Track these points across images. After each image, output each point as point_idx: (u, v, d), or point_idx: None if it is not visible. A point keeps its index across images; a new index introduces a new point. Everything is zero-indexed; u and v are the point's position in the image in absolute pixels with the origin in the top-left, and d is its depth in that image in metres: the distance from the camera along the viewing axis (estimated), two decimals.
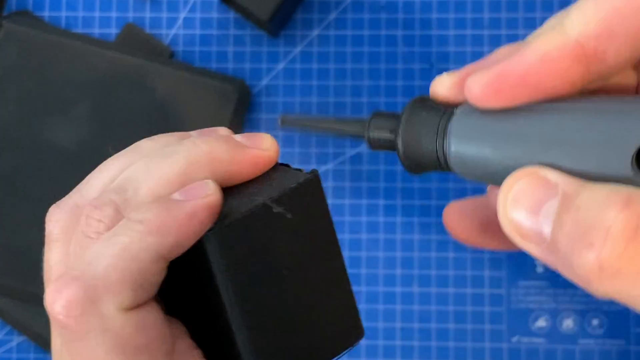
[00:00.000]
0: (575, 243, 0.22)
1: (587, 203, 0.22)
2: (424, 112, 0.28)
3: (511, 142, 0.25)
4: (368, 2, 0.70)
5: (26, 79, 0.67)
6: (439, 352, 0.67)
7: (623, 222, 0.21)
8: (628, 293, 0.22)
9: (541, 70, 0.25)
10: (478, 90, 0.26)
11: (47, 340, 0.66)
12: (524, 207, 0.24)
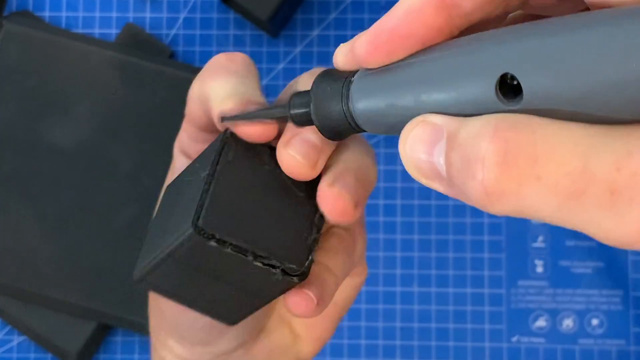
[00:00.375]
0: (463, 177, 0.25)
1: (465, 139, 0.25)
2: (329, 82, 0.31)
3: (398, 93, 0.28)
4: (368, 2, 0.70)
5: (26, 79, 0.67)
6: (439, 351, 0.67)
7: (493, 150, 0.24)
8: (518, 208, 0.25)
9: (408, 21, 0.28)
10: (361, 50, 0.29)
11: (47, 340, 0.66)
12: (420, 151, 0.27)
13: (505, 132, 0.24)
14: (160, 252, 0.35)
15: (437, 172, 0.27)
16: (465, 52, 0.27)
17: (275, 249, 0.34)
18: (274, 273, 0.34)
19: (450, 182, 0.26)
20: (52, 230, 0.65)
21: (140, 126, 0.66)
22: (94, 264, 0.65)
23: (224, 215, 0.34)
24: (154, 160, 0.66)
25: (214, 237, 0.33)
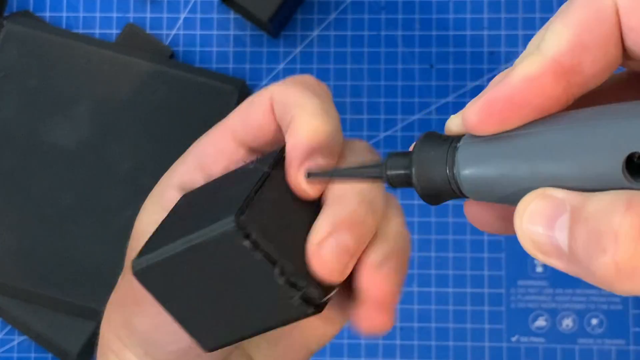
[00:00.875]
0: (590, 251, 0.25)
1: (594, 213, 0.24)
2: (432, 146, 0.31)
3: (512, 163, 0.27)
4: (368, 3, 0.70)
5: (27, 79, 0.67)
6: (439, 351, 0.67)
7: (628, 224, 0.24)
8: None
9: (525, 90, 0.27)
10: (473, 118, 0.28)
11: (47, 339, 0.66)
12: (539, 226, 0.26)
13: (639, 208, 0.24)
14: (178, 245, 0.33)
15: (557, 248, 0.26)
16: (590, 125, 0.26)
17: (303, 270, 0.33)
18: (291, 296, 0.32)
19: (573, 258, 0.26)
20: (52, 230, 0.65)
21: (140, 126, 0.67)
22: (94, 264, 0.65)
23: (263, 222, 0.32)
24: (154, 160, 0.66)
25: (249, 237, 0.32)
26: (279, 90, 0.38)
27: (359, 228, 0.34)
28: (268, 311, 0.34)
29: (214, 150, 0.39)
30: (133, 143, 0.67)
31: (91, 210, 0.66)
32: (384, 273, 0.34)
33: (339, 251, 0.33)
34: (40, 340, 0.67)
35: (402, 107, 0.69)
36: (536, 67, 0.28)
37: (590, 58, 0.27)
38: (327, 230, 0.33)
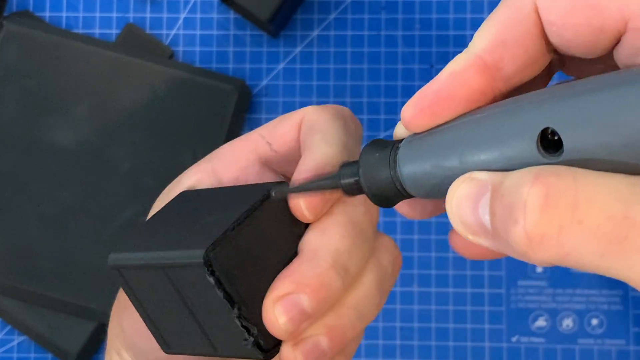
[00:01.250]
0: (505, 224, 0.26)
1: (508, 188, 0.26)
2: (376, 151, 0.32)
3: (442, 154, 0.29)
4: (368, 3, 0.70)
5: (27, 79, 0.67)
6: (439, 351, 0.67)
7: (535, 194, 0.25)
8: (560, 253, 0.25)
9: (450, 84, 0.30)
10: (407, 114, 0.30)
11: (47, 340, 0.66)
12: (466, 207, 0.27)
13: (546, 178, 0.25)
14: (153, 257, 0.34)
15: (482, 227, 0.27)
16: (507, 111, 0.28)
17: (261, 317, 0.33)
18: (246, 338, 0.33)
19: (495, 235, 0.26)
20: (52, 230, 0.65)
21: (140, 126, 0.67)
22: (94, 264, 0.65)
23: (234, 261, 0.32)
24: (154, 160, 0.66)
25: (214, 274, 0.32)
26: (312, 111, 0.37)
27: (324, 293, 0.33)
28: (225, 340, 0.34)
29: (230, 156, 0.39)
30: (133, 143, 0.67)
31: (91, 210, 0.66)
32: (304, 349, 0.34)
33: (293, 314, 0.32)
34: (40, 340, 0.67)
35: (402, 107, 0.69)
36: (461, 64, 0.30)
37: (510, 54, 0.29)
38: (286, 289, 0.33)
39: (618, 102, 0.25)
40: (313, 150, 0.36)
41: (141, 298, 0.35)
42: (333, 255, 0.33)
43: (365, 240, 0.35)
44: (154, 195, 0.66)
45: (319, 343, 0.34)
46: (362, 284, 0.35)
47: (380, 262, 0.36)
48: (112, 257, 0.35)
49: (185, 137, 0.67)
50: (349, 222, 0.34)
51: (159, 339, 0.36)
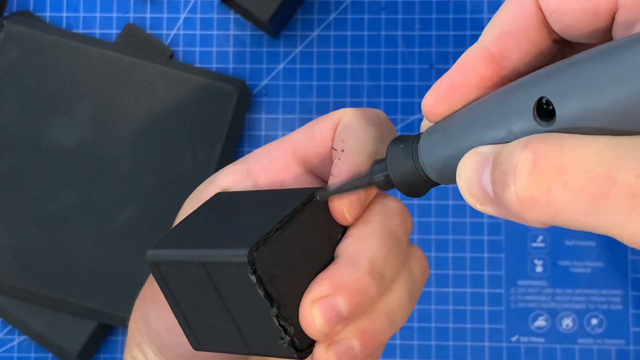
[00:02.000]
0: (502, 189, 0.28)
1: (504, 157, 0.28)
2: (400, 145, 0.34)
3: (454, 138, 0.31)
4: (368, 3, 0.70)
5: (27, 79, 0.67)
6: (439, 351, 0.67)
7: (524, 158, 0.27)
8: (550, 214, 0.27)
9: (461, 73, 0.32)
10: (426, 104, 0.33)
11: (47, 339, 0.66)
12: (472, 179, 0.29)
13: (535, 144, 0.27)
14: (194, 254, 0.34)
15: (487, 195, 0.29)
16: (508, 88, 0.30)
17: (297, 317, 0.34)
18: (282, 337, 0.34)
19: (497, 201, 0.28)
20: (52, 230, 0.65)
21: (140, 126, 0.67)
22: (94, 264, 0.65)
23: (276, 261, 0.33)
24: (154, 160, 0.66)
25: (256, 273, 0.33)
26: (349, 113, 0.39)
27: (360, 297, 0.34)
28: (259, 338, 0.35)
29: (267, 158, 0.40)
30: (133, 143, 0.67)
31: (91, 210, 0.66)
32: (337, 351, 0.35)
33: (329, 316, 0.34)
34: (40, 340, 0.67)
35: (402, 107, 0.69)
36: (470, 54, 0.32)
37: (514, 43, 0.32)
38: (325, 291, 0.34)
39: (604, 70, 0.26)
40: (347, 155, 0.37)
41: (176, 294, 0.36)
42: (370, 262, 0.35)
43: (400, 250, 0.36)
44: (154, 195, 0.66)
45: (352, 346, 0.35)
46: (394, 291, 0.36)
47: (411, 271, 0.37)
48: (151, 253, 0.36)
49: (185, 137, 0.67)
50: (386, 231, 0.36)
51: (190, 335, 0.37)
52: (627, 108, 0.26)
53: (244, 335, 0.35)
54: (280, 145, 0.40)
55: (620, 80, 0.26)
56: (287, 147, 0.40)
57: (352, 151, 0.37)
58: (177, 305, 0.36)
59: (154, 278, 0.36)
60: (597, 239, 0.67)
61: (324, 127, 0.39)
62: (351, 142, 0.37)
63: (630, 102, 0.26)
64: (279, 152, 0.40)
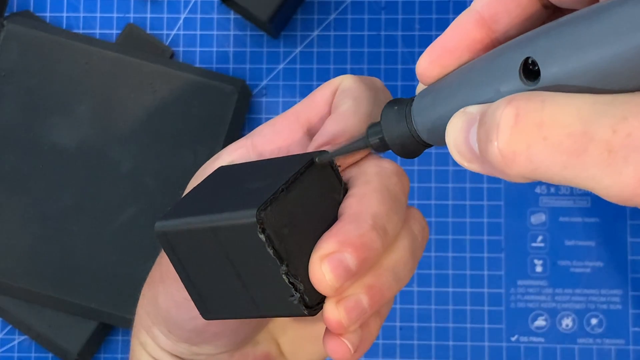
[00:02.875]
0: (486, 145, 0.29)
1: (488, 114, 0.29)
2: (394, 108, 0.35)
3: (445, 99, 0.32)
4: (368, 3, 0.70)
5: (27, 79, 0.67)
6: (439, 351, 0.67)
7: (506, 114, 0.28)
8: (530, 168, 0.28)
9: (453, 36, 0.33)
10: (420, 67, 0.33)
11: (48, 339, 0.66)
12: (459, 138, 0.30)
13: (517, 102, 0.28)
14: (203, 221, 0.35)
15: (473, 153, 0.30)
16: (497, 50, 0.31)
17: (306, 275, 0.35)
18: (292, 294, 0.34)
19: (483, 158, 0.29)
20: (53, 230, 0.65)
21: (140, 126, 0.67)
22: (94, 263, 0.65)
23: (283, 220, 0.34)
24: (154, 160, 0.66)
25: (265, 232, 0.34)
26: (348, 78, 0.40)
27: (366, 252, 0.35)
28: (269, 300, 0.35)
29: (271, 130, 0.41)
30: (133, 143, 0.67)
31: (91, 210, 0.66)
32: (346, 306, 0.35)
33: (339, 271, 0.34)
34: (40, 340, 0.67)
35: None
36: (462, 18, 0.33)
37: (504, 8, 0.33)
38: (332, 247, 0.35)
39: (586, 32, 0.27)
40: (338, 115, 0.38)
41: (186, 264, 0.37)
42: (373, 218, 0.35)
43: (400, 207, 0.37)
44: (154, 195, 0.66)
45: (360, 301, 0.35)
46: (397, 247, 0.37)
47: (412, 229, 0.38)
48: (159, 224, 0.36)
49: (186, 137, 0.67)
50: (385, 189, 0.37)
51: (200, 304, 0.37)
52: (607, 68, 0.27)
53: (254, 298, 0.36)
54: (284, 116, 0.41)
55: (600, 41, 0.27)
56: (291, 117, 0.41)
57: (344, 111, 0.38)
58: (186, 275, 0.37)
59: (163, 249, 0.37)
60: (597, 239, 0.67)
61: (325, 92, 0.40)
62: (345, 103, 0.39)
63: (609, 63, 0.27)
64: (283, 122, 0.41)
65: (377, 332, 0.38)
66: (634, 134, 0.27)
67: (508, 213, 0.68)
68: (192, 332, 0.40)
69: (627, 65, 0.27)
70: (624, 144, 0.27)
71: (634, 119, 0.27)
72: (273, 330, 0.43)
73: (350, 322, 0.35)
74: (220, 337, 0.41)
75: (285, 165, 0.36)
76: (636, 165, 0.27)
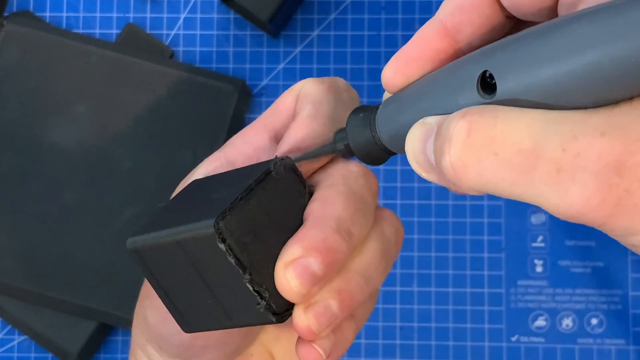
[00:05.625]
0: (439, 158, 0.29)
1: (444, 127, 0.29)
2: (359, 116, 0.35)
3: (405, 108, 0.32)
4: (368, 2, 0.70)
5: (27, 79, 0.67)
6: (439, 351, 0.67)
7: (459, 127, 0.28)
8: (481, 182, 0.28)
9: (417, 46, 0.33)
10: (385, 76, 0.34)
11: (47, 339, 0.66)
12: (417, 148, 0.31)
13: (471, 116, 0.28)
14: (168, 234, 0.35)
15: (430, 164, 0.30)
16: (457, 62, 0.31)
17: (271, 282, 0.35)
18: (258, 302, 0.34)
19: (439, 169, 0.29)
20: (52, 230, 0.65)
21: (140, 126, 0.67)
22: (94, 264, 0.65)
23: (243, 229, 0.34)
24: (154, 160, 0.66)
25: (225, 242, 0.33)
26: (308, 82, 0.40)
27: (331, 256, 0.34)
28: (239, 309, 0.35)
29: (241, 140, 0.41)
30: (133, 143, 0.67)
31: (91, 210, 0.66)
32: (315, 312, 0.35)
33: (304, 277, 0.34)
34: (40, 340, 0.67)
35: None
36: (426, 28, 0.33)
37: (467, 18, 0.33)
38: (296, 253, 0.34)
39: (540, 47, 0.28)
40: (299, 121, 0.38)
41: (160, 279, 0.37)
42: (336, 221, 0.35)
43: (366, 208, 0.37)
44: (154, 195, 0.66)
45: (330, 306, 0.35)
46: (366, 250, 0.37)
47: (383, 231, 0.38)
48: (130, 240, 0.37)
49: (185, 137, 0.67)
50: (350, 192, 0.36)
51: (178, 319, 0.37)
52: (560, 84, 0.27)
53: (226, 309, 0.36)
54: (252, 126, 0.41)
55: (554, 57, 0.27)
56: (259, 126, 0.41)
57: (304, 116, 0.38)
58: (162, 289, 0.37)
59: (139, 266, 0.37)
60: (597, 239, 0.67)
61: (287, 99, 0.40)
62: (306, 108, 0.39)
63: (562, 79, 0.27)
64: (252, 132, 0.41)
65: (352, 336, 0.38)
66: (582, 154, 0.27)
67: (508, 213, 0.68)
68: (181, 347, 0.40)
69: (580, 82, 0.27)
70: (572, 163, 0.27)
71: (583, 138, 0.27)
72: (266, 341, 0.43)
73: (320, 328, 0.35)
74: (210, 350, 0.40)
75: (250, 173, 0.36)
76: (583, 184, 0.27)
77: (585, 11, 0.27)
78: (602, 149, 0.27)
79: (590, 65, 0.27)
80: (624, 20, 0.26)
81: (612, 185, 0.27)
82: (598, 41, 0.26)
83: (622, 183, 0.27)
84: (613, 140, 0.27)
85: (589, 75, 0.27)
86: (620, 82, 0.27)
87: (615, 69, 0.26)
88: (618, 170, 0.27)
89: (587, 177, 0.27)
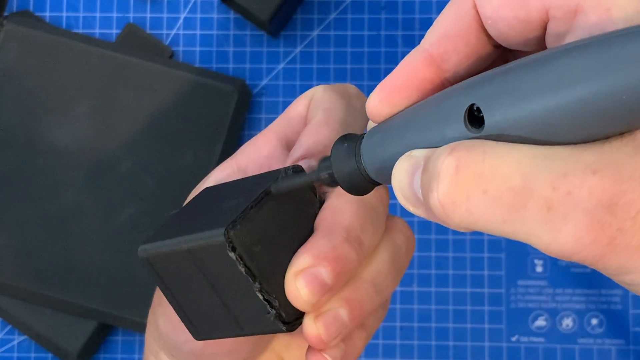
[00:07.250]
0: (427, 193, 0.28)
1: (431, 161, 0.28)
2: (344, 145, 0.34)
3: (391, 140, 0.31)
4: (368, 3, 0.70)
5: (27, 79, 0.67)
6: (439, 351, 0.67)
7: (447, 164, 0.27)
8: (470, 219, 0.28)
9: (403, 75, 0.32)
10: (370, 105, 0.32)
11: (47, 339, 0.66)
12: (404, 182, 0.30)
13: (459, 152, 0.27)
14: (178, 242, 0.35)
15: (417, 198, 0.30)
16: (444, 93, 0.30)
17: (281, 291, 0.35)
18: (268, 311, 0.34)
19: (426, 205, 0.29)
20: (53, 230, 0.65)
21: (140, 126, 0.67)
22: (94, 264, 0.65)
23: (254, 238, 0.34)
24: (154, 160, 0.66)
25: (235, 251, 0.34)
26: (320, 89, 0.40)
27: (341, 265, 0.34)
28: (249, 318, 0.35)
29: (252, 148, 0.41)
30: (133, 143, 0.67)
31: (91, 210, 0.66)
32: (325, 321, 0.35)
33: (314, 286, 0.34)
34: (40, 340, 0.67)
35: None
36: (411, 56, 0.32)
37: (453, 47, 0.32)
38: (306, 263, 0.34)
39: (528, 81, 0.27)
40: (311, 128, 0.38)
41: (171, 286, 0.37)
42: (346, 230, 0.35)
43: (377, 217, 0.37)
44: (154, 195, 0.66)
45: (339, 315, 0.35)
46: (376, 259, 0.37)
47: (393, 240, 0.38)
48: (141, 248, 0.37)
49: (185, 137, 0.67)
50: (359, 201, 0.36)
51: (189, 326, 0.38)
52: (550, 119, 0.27)
53: (236, 317, 0.36)
54: (264, 134, 0.41)
55: (543, 91, 0.27)
56: (270, 134, 0.41)
57: (316, 123, 0.38)
58: (173, 297, 0.37)
59: (148, 273, 0.37)
60: None
61: (298, 106, 0.40)
62: (317, 115, 0.38)
63: (552, 114, 0.27)
64: (263, 140, 0.41)
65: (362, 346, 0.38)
66: (573, 192, 0.26)
67: None
68: (192, 355, 0.40)
69: (569, 118, 0.26)
70: (563, 202, 0.26)
71: (574, 175, 0.26)
72: (277, 349, 0.43)
73: (329, 337, 0.35)
74: (221, 358, 0.40)
75: (261, 182, 0.36)
76: (575, 223, 0.27)
77: (575, 44, 0.27)
78: (594, 187, 0.26)
79: (580, 101, 0.26)
80: (615, 55, 0.26)
81: (604, 224, 0.27)
82: (589, 76, 0.26)
83: (614, 222, 0.27)
84: (605, 178, 0.26)
85: (579, 111, 0.26)
86: (612, 117, 0.26)
87: (606, 104, 0.26)
88: (610, 209, 0.26)
89: (578, 216, 0.26)
